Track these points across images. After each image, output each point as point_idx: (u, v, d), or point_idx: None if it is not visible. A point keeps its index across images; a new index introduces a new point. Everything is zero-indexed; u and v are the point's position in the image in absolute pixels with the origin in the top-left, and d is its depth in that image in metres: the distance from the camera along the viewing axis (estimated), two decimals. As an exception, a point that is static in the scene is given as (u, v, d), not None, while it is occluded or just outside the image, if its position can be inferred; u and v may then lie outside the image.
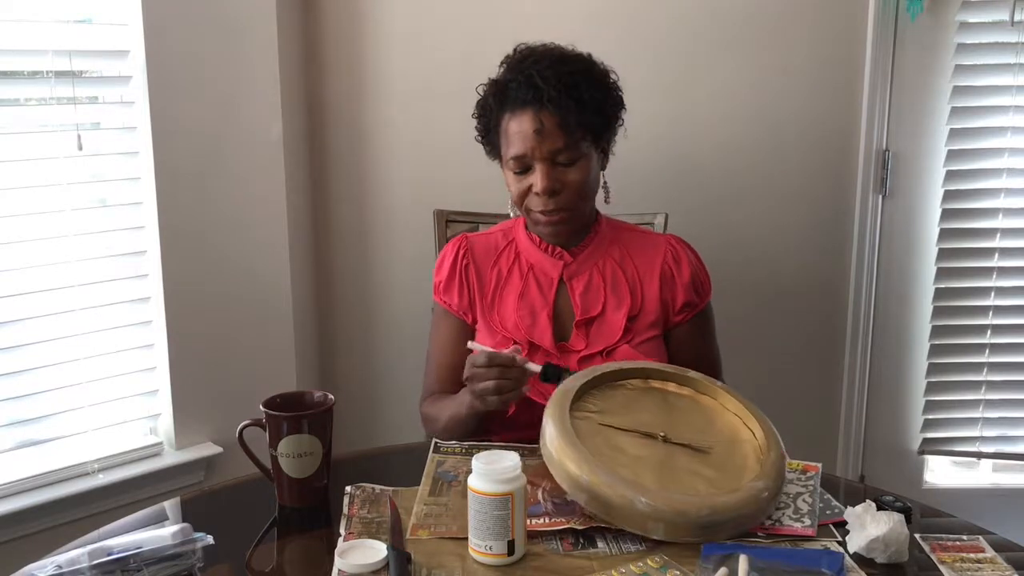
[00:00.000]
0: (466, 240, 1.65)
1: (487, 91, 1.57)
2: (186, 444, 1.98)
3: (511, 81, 1.51)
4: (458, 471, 1.29)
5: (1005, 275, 2.24)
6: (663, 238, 1.64)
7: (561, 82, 1.48)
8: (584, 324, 1.54)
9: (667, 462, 1.19)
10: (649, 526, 1.10)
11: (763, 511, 1.15)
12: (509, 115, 1.52)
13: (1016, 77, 2.14)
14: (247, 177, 1.99)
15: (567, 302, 1.57)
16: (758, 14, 2.15)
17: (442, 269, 1.63)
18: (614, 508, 1.11)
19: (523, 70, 1.50)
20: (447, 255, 1.64)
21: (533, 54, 1.54)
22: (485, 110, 1.58)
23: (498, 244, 1.63)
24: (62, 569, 1.00)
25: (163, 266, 1.89)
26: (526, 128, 1.49)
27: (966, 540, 1.15)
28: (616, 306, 1.55)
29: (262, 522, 1.22)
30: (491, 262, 1.61)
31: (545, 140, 1.48)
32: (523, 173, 1.52)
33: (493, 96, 1.55)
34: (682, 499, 1.12)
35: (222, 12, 1.90)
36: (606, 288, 1.57)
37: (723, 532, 1.11)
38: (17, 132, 1.78)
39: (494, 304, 1.58)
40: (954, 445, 2.34)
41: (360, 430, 2.27)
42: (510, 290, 1.59)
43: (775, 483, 1.16)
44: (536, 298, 1.57)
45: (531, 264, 1.59)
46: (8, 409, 1.80)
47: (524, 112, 1.49)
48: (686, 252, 1.61)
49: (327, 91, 2.19)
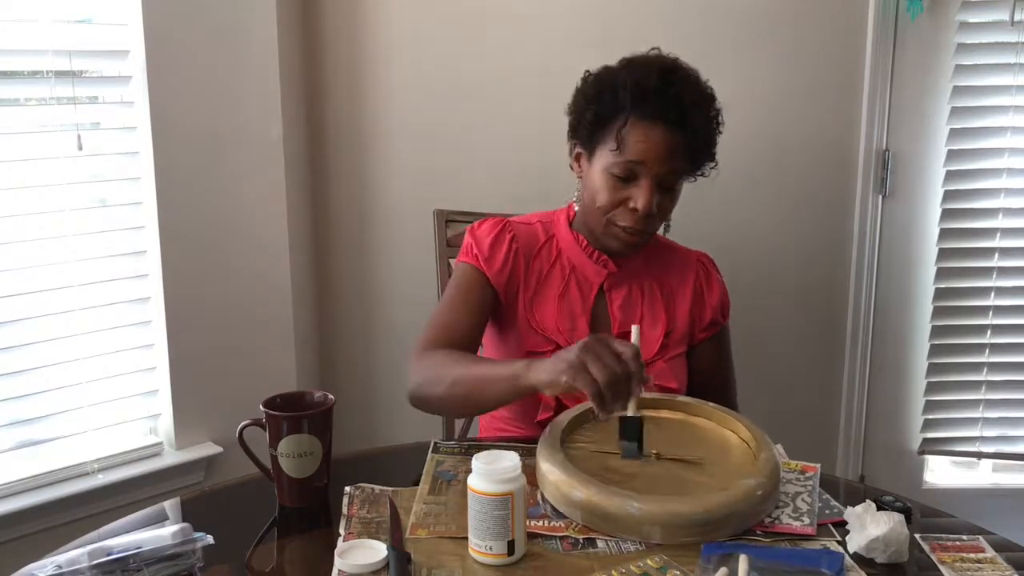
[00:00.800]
0: (511, 225, 1.57)
1: (613, 81, 1.46)
2: (186, 444, 1.99)
3: (655, 90, 1.42)
4: (457, 470, 1.29)
5: (1005, 275, 2.24)
6: (694, 255, 1.64)
7: (703, 113, 1.45)
8: (621, 337, 1.51)
9: (660, 474, 1.21)
10: (645, 530, 1.11)
11: (759, 509, 1.15)
12: (638, 119, 1.43)
13: (1016, 77, 2.14)
14: (247, 177, 1.99)
15: (603, 311, 1.54)
16: (758, 14, 2.15)
17: (483, 239, 1.54)
18: (610, 518, 1.12)
19: (670, 84, 1.43)
20: (491, 230, 1.56)
21: (679, 71, 1.47)
22: (606, 99, 1.46)
23: (539, 237, 1.57)
24: (62, 569, 1.00)
25: (163, 266, 1.90)
26: (655, 141, 1.42)
27: (966, 540, 1.15)
28: (652, 322, 1.54)
29: (262, 522, 1.22)
30: (534, 254, 1.56)
31: (667, 161, 1.43)
32: (623, 181, 1.44)
33: (626, 92, 1.44)
34: (674, 499, 1.12)
35: (222, 12, 1.90)
36: (643, 303, 1.55)
37: (720, 531, 1.11)
38: (17, 132, 1.78)
39: (535, 301, 1.54)
40: (954, 445, 2.34)
41: (360, 430, 2.27)
42: (550, 289, 1.54)
43: (768, 480, 1.16)
44: (576, 302, 1.53)
45: (573, 265, 1.55)
46: (8, 409, 1.80)
47: (657, 126, 1.42)
48: (716, 272, 1.63)
49: (327, 91, 2.19)
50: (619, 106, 1.44)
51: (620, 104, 1.44)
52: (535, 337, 1.52)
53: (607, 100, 1.46)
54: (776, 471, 1.19)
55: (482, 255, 1.53)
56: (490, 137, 2.19)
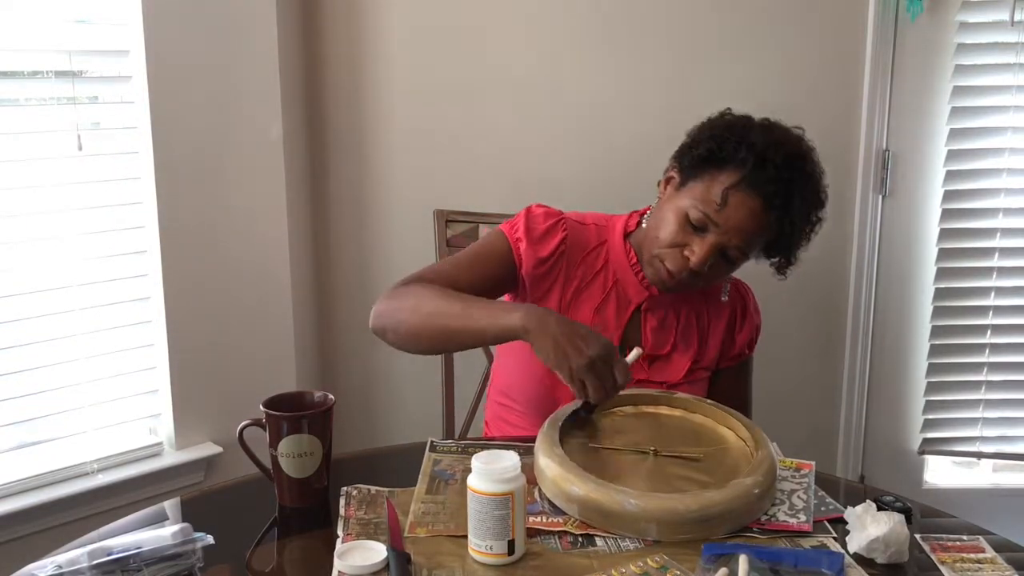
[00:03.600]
0: (566, 222, 1.52)
1: (742, 134, 1.42)
2: (186, 444, 1.98)
3: (774, 166, 1.38)
4: (455, 469, 1.29)
5: (1005, 275, 2.24)
6: (733, 286, 1.60)
7: (805, 212, 1.41)
8: (650, 360, 1.51)
9: (658, 471, 1.21)
10: (642, 527, 1.11)
11: (756, 506, 1.15)
12: (744, 186, 1.38)
13: (1016, 77, 2.14)
14: (247, 177, 1.99)
15: (636, 331, 1.52)
16: (758, 14, 2.15)
17: (536, 224, 1.50)
18: (606, 514, 1.12)
19: (792, 169, 1.39)
20: (545, 219, 1.51)
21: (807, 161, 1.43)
22: (727, 147, 1.41)
23: (590, 240, 1.53)
24: (62, 569, 1.00)
25: (163, 266, 1.89)
26: (746, 212, 1.38)
27: (966, 540, 1.15)
28: (684, 350, 1.53)
29: (262, 522, 1.22)
30: (580, 257, 1.52)
31: (744, 236, 1.40)
32: (693, 228, 1.41)
33: (747, 154, 1.39)
34: (670, 496, 1.13)
35: (222, 12, 1.90)
36: (677, 331, 1.53)
37: (717, 528, 1.12)
38: (17, 132, 1.78)
39: (571, 305, 1.51)
40: (954, 445, 2.34)
41: (360, 430, 2.27)
42: (589, 297, 1.51)
43: (765, 479, 1.16)
44: (611, 318, 1.51)
45: (617, 279, 1.52)
46: (8, 409, 1.80)
47: (757, 199, 1.38)
48: (754, 305, 1.61)
49: (327, 91, 2.19)
50: (735, 159, 1.40)
51: (737, 157, 1.40)
52: None
53: (728, 147, 1.41)
54: (773, 469, 1.19)
55: (524, 240, 1.48)
56: (490, 137, 2.19)
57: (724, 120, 1.49)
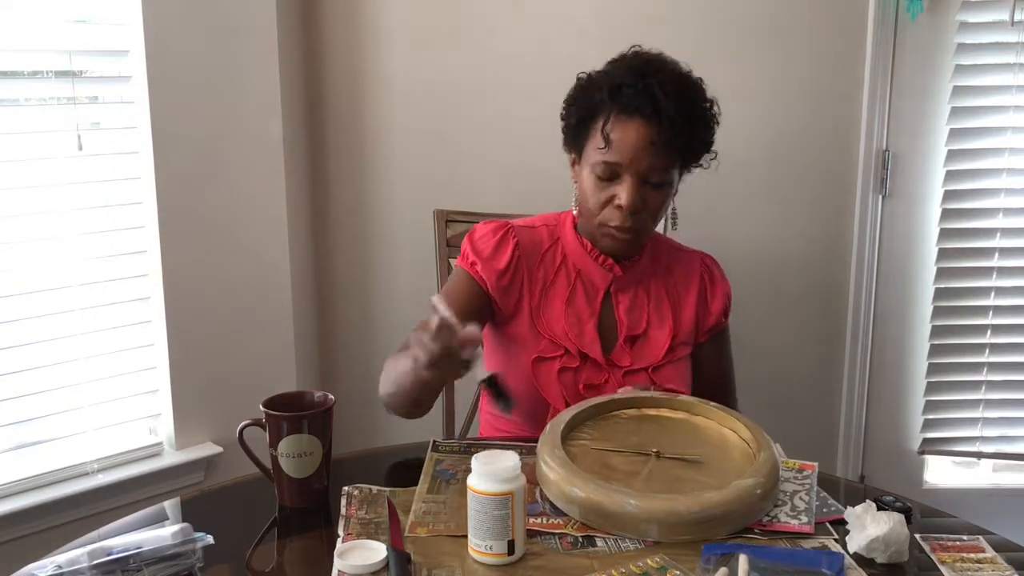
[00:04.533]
0: (514, 230, 1.55)
1: (592, 83, 1.48)
2: (186, 444, 1.98)
3: (628, 85, 1.42)
4: (456, 469, 1.29)
5: (1005, 275, 2.24)
6: (697, 256, 1.63)
7: (681, 103, 1.42)
8: (629, 340, 1.52)
9: (660, 473, 1.21)
10: (642, 528, 1.11)
11: (758, 507, 1.15)
12: (615, 117, 1.43)
13: (1016, 77, 2.14)
14: (247, 177, 1.99)
15: (610, 315, 1.53)
16: (758, 15, 2.15)
17: (482, 245, 1.53)
18: (608, 516, 1.12)
19: (643, 77, 1.42)
20: (493, 235, 1.54)
21: (654, 64, 1.46)
22: (585, 101, 1.47)
23: (543, 241, 1.56)
24: (62, 569, 1.00)
25: (163, 266, 1.90)
26: (632, 138, 1.41)
27: (966, 540, 1.15)
28: (659, 325, 1.54)
29: (262, 522, 1.22)
30: (538, 260, 1.54)
31: (647, 156, 1.42)
32: (607, 180, 1.44)
33: (603, 91, 1.44)
34: (671, 497, 1.13)
35: (222, 12, 1.90)
36: (650, 306, 1.54)
37: (718, 529, 1.12)
38: (17, 132, 1.78)
39: (541, 306, 1.52)
40: (954, 445, 2.34)
41: (360, 430, 2.27)
42: (556, 294, 1.52)
43: (767, 480, 1.16)
44: (583, 307, 1.52)
45: (579, 270, 1.54)
46: (8, 409, 1.80)
47: (634, 121, 1.42)
48: (720, 274, 1.62)
49: (327, 91, 2.19)
50: (596, 106, 1.45)
51: (597, 103, 1.45)
52: (543, 343, 1.50)
53: (585, 102, 1.47)
54: (775, 470, 1.19)
55: (479, 262, 1.52)
56: (490, 137, 2.19)
57: (574, 87, 1.52)
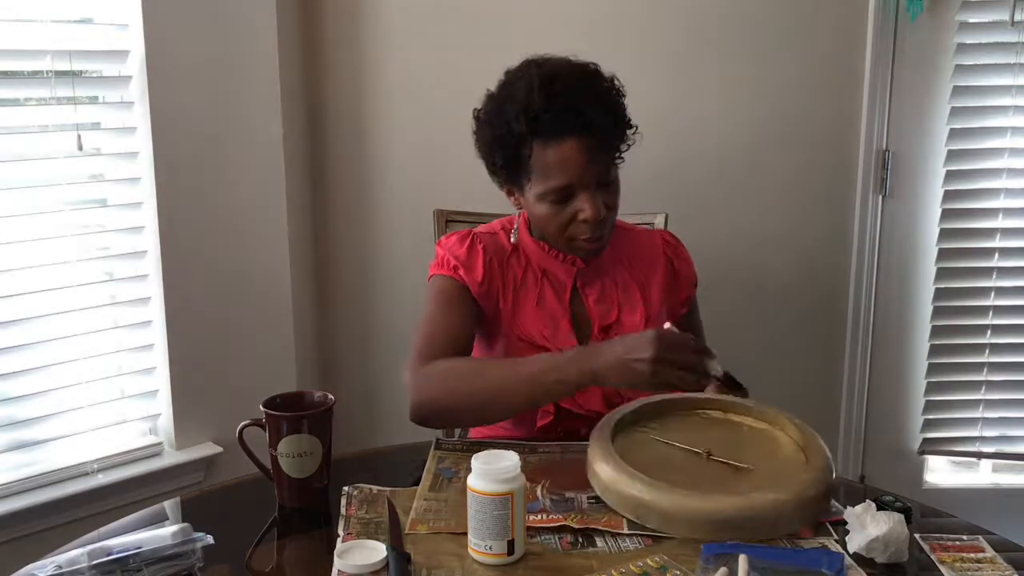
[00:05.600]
0: (479, 237, 1.55)
1: (498, 118, 1.44)
2: (186, 444, 1.99)
3: (546, 110, 1.38)
4: (458, 468, 1.30)
5: (1005, 275, 2.24)
6: (657, 235, 1.64)
7: (600, 104, 1.40)
8: (603, 331, 1.52)
9: (707, 473, 1.21)
10: (641, 513, 1.13)
11: (771, 524, 1.13)
12: (545, 144, 1.39)
13: (1016, 77, 2.14)
14: (247, 177, 1.99)
15: (581, 309, 1.53)
16: (758, 14, 2.15)
17: (458, 251, 1.52)
18: (621, 498, 1.14)
19: (555, 94, 1.38)
20: (461, 244, 1.53)
21: (559, 74, 1.41)
22: (509, 140, 1.42)
23: (505, 246, 1.55)
24: (62, 569, 1.00)
25: (163, 266, 1.90)
26: (572, 157, 1.39)
27: (966, 540, 1.15)
28: (630, 310, 1.54)
29: (262, 522, 1.22)
30: (504, 264, 1.53)
31: (592, 167, 1.40)
32: (562, 203, 1.43)
33: (519, 124, 1.40)
34: (687, 494, 1.12)
35: (222, 12, 1.90)
36: (618, 293, 1.55)
37: (727, 533, 1.11)
38: (17, 132, 1.78)
39: (514, 309, 1.52)
40: (954, 445, 2.34)
41: (360, 430, 2.27)
42: (526, 296, 1.52)
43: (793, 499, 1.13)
44: (553, 305, 1.52)
45: (543, 269, 1.53)
46: (8, 409, 1.80)
47: (566, 141, 1.38)
48: (682, 249, 1.63)
49: (327, 91, 2.19)
50: (520, 140, 1.41)
51: (519, 137, 1.40)
52: (522, 345, 1.50)
53: (507, 140, 1.42)
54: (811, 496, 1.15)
55: (461, 267, 1.50)
56: (490, 137, 2.18)
57: (482, 123, 1.49)
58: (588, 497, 1.20)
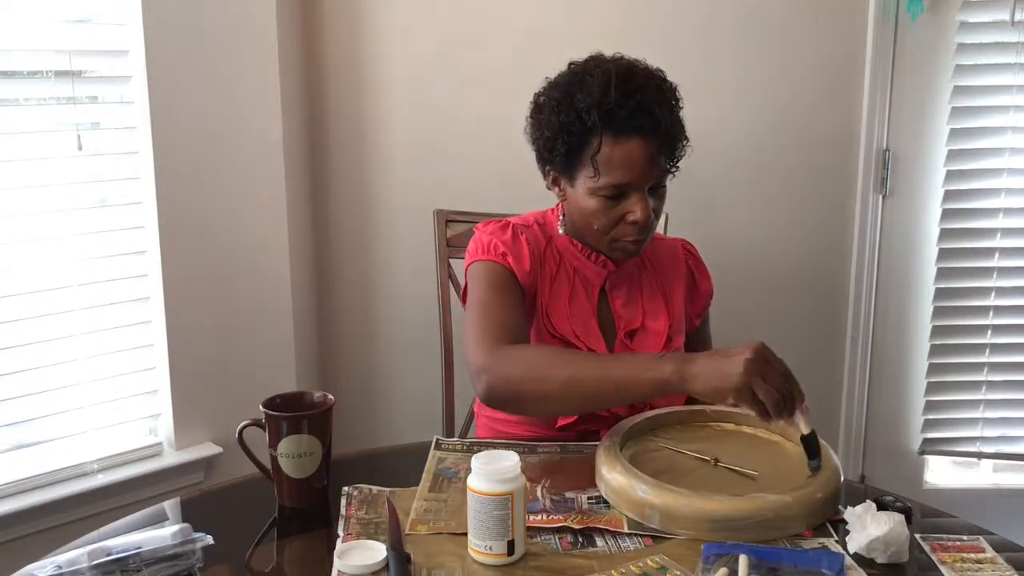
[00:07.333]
0: (519, 228, 1.52)
1: (576, 105, 1.42)
2: (186, 444, 1.98)
3: (620, 107, 1.38)
4: (458, 468, 1.30)
5: (1005, 275, 2.24)
6: (679, 244, 1.64)
7: (668, 108, 1.42)
8: (628, 336, 1.52)
9: (712, 479, 1.22)
10: (646, 512, 1.13)
11: (777, 526, 1.13)
12: (614, 140, 1.39)
13: (1016, 77, 2.14)
14: (247, 177, 1.99)
15: (607, 311, 1.53)
16: (758, 14, 2.15)
17: (503, 238, 1.49)
18: (623, 497, 1.15)
19: (631, 92, 1.39)
20: (502, 230, 1.51)
21: (635, 73, 1.43)
22: (577, 129, 1.42)
23: (541, 239, 1.53)
24: (62, 569, 1.00)
25: (163, 266, 1.89)
26: (636, 156, 1.39)
27: (966, 540, 1.15)
28: (654, 316, 1.54)
29: (262, 522, 1.22)
30: (542, 256, 1.52)
31: (653, 169, 1.41)
32: (615, 199, 1.42)
33: (591, 116, 1.39)
34: (684, 493, 1.13)
35: (222, 12, 1.90)
36: (643, 299, 1.55)
37: (723, 533, 1.11)
38: (17, 132, 1.78)
39: (550, 304, 1.51)
40: (954, 445, 2.34)
41: (360, 430, 2.27)
42: (560, 290, 1.51)
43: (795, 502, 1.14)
44: (584, 305, 1.51)
45: (575, 267, 1.53)
46: (8, 409, 1.80)
47: (634, 139, 1.39)
48: (700, 260, 1.65)
49: (327, 91, 2.19)
50: (589, 131, 1.40)
51: (589, 128, 1.40)
52: (554, 341, 1.48)
53: (576, 128, 1.42)
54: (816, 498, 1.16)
55: (510, 254, 1.48)
56: (491, 137, 2.19)
57: (549, 110, 1.47)
58: (588, 497, 1.21)
